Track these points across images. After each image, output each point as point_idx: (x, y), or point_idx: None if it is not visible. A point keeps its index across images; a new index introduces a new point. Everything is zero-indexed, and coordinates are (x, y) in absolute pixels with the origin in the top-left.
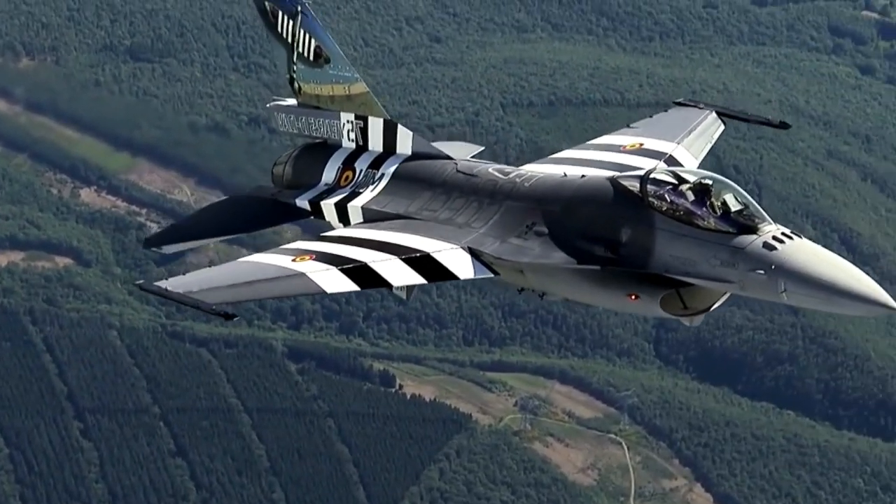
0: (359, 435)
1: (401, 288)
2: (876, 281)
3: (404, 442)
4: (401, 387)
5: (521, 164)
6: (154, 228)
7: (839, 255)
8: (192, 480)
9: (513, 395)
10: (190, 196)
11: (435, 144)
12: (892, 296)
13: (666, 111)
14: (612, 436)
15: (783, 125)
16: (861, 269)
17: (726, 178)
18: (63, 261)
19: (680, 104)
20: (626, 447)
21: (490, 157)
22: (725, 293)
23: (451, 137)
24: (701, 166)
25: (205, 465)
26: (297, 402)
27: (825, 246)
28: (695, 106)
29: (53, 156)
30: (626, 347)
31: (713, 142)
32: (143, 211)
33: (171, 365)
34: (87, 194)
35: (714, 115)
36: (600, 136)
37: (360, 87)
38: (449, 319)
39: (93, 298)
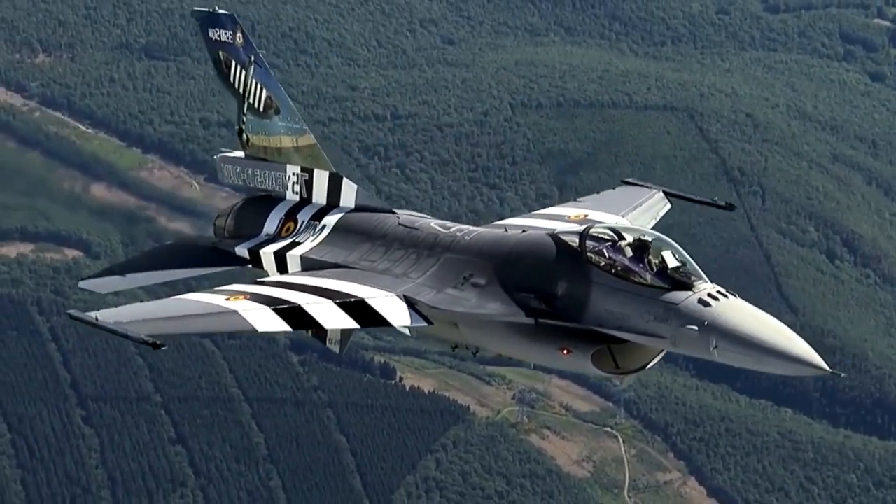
0: (357, 425)
1: (334, 341)
2: (877, 283)
3: (402, 432)
4: (401, 379)
5: (528, 165)
6: (163, 223)
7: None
8: (191, 467)
9: (511, 389)
10: (200, 193)
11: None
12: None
13: (614, 189)
14: (609, 429)
15: (729, 206)
16: (861, 271)
17: (667, 236)
18: (72, 253)
19: (628, 183)
20: (621, 440)
21: (497, 157)
22: (657, 355)
23: (458, 138)
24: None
25: (204, 452)
26: (298, 393)
27: (828, 249)
28: (643, 185)
29: (66, 151)
30: None
31: (658, 219)
32: (153, 206)
33: (175, 355)
34: (98, 189)
35: (661, 194)
36: (608, 137)
37: (307, 139)
38: None
39: None
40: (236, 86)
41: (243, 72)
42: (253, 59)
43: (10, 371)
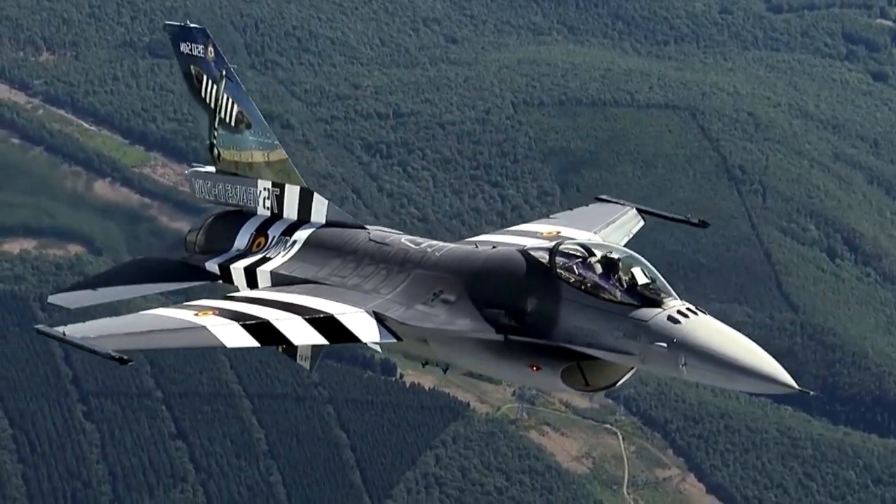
0: (357, 421)
1: (304, 357)
2: (878, 282)
3: (402, 429)
4: (401, 375)
5: (529, 163)
6: (165, 221)
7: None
8: (192, 462)
9: (511, 385)
10: None
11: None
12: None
13: (587, 206)
14: (608, 426)
15: (703, 224)
16: (862, 269)
17: (637, 253)
18: (75, 249)
19: (601, 200)
20: (621, 437)
21: (498, 155)
22: (627, 372)
23: (460, 136)
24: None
25: (204, 448)
26: (298, 389)
27: (828, 247)
28: (616, 202)
29: (69, 148)
30: None
31: (631, 236)
32: (156, 203)
33: (176, 351)
34: (101, 186)
35: (634, 211)
36: (609, 135)
37: (279, 154)
38: None
39: None
40: (207, 100)
41: (214, 86)
42: (224, 73)
43: (12, 366)
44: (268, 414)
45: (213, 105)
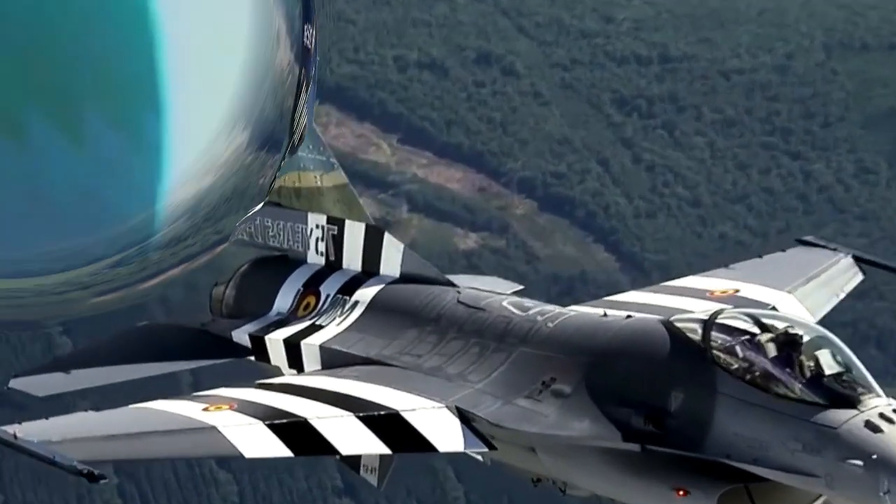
0: None
1: (371, 469)
2: None
3: None
4: None
5: (845, 128)
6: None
7: None
8: None
9: None
10: (391, 157)
11: (460, 279)
12: None
13: (783, 251)
14: None
15: None
16: None
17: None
18: None
19: (804, 243)
20: None
21: (802, 116)
22: (817, 500)
23: (749, 90)
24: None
25: None
26: None
27: None
28: (824, 247)
29: None
30: None
31: (843, 295)
32: None
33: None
34: None
35: (850, 260)
36: None
37: (336, 178)
38: None
39: None
40: None
41: None
42: None
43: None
44: None
45: None
